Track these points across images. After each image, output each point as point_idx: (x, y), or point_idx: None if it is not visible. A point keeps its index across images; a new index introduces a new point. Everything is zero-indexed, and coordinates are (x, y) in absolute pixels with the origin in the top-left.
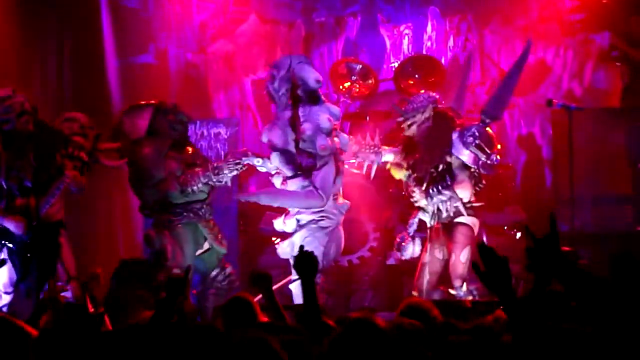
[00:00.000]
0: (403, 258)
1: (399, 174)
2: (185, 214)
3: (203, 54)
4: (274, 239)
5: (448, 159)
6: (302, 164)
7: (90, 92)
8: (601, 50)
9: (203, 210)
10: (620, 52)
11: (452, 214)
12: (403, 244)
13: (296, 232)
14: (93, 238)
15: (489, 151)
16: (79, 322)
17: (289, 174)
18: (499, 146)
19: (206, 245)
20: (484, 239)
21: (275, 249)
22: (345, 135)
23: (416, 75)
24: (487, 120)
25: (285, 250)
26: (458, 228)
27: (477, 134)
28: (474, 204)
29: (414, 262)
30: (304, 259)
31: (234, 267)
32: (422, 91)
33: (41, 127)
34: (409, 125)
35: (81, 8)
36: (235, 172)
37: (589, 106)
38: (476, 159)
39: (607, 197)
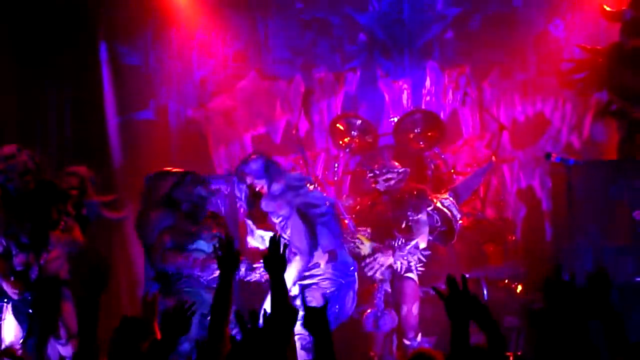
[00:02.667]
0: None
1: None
2: (184, 279)
3: (203, 109)
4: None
5: (414, 216)
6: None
7: (91, 148)
8: (599, 104)
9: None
10: (618, 107)
11: (403, 270)
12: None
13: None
14: None
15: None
16: None
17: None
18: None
19: None
20: (485, 292)
21: None
22: (318, 193)
23: (416, 130)
24: (452, 198)
25: (253, 243)
26: (408, 283)
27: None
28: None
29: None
30: (273, 254)
31: None
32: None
33: (41, 182)
34: (386, 180)
35: (82, 65)
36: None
37: (588, 159)
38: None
39: (607, 248)
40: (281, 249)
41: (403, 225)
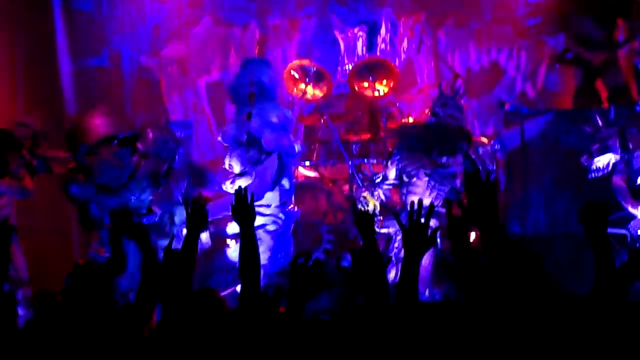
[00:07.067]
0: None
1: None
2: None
3: (157, 56)
4: (228, 241)
5: (458, 159)
6: (251, 159)
7: (43, 96)
8: (554, 53)
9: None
10: (574, 54)
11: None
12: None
13: None
14: (47, 243)
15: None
16: None
17: (238, 170)
18: None
19: None
20: (438, 242)
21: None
22: (296, 141)
23: (370, 78)
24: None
25: (233, 255)
26: None
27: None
28: (439, 209)
29: None
30: (240, 205)
31: None
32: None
33: None
34: (448, 116)
35: (34, 12)
36: None
37: (542, 108)
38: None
39: (559, 197)
40: (249, 200)
41: None
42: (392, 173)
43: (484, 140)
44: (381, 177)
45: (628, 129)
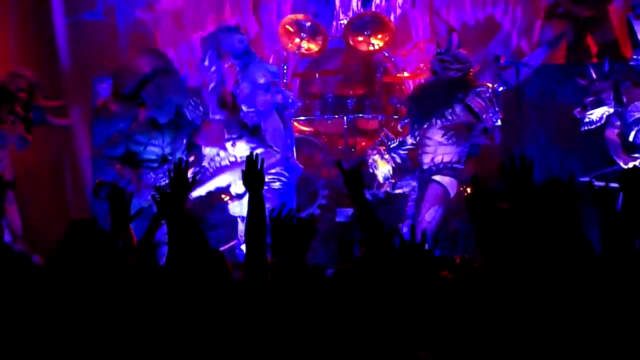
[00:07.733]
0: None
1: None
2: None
3: (151, 10)
4: (223, 196)
5: (457, 109)
6: (248, 124)
7: (38, 49)
8: (549, 8)
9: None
10: (565, 9)
11: (434, 169)
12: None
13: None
14: (41, 198)
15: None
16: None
17: (236, 135)
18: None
19: None
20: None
21: (224, 206)
22: (288, 92)
23: (365, 32)
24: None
25: (235, 209)
26: (432, 186)
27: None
28: (456, 166)
29: None
30: (251, 170)
31: None
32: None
33: None
34: (445, 69)
35: None
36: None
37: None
38: (484, 111)
39: (554, 150)
40: (259, 165)
41: None
42: (410, 138)
43: (489, 85)
44: (397, 143)
45: (622, 82)
